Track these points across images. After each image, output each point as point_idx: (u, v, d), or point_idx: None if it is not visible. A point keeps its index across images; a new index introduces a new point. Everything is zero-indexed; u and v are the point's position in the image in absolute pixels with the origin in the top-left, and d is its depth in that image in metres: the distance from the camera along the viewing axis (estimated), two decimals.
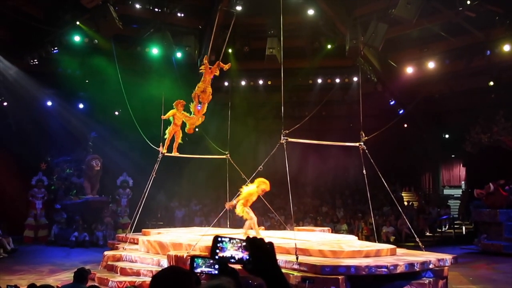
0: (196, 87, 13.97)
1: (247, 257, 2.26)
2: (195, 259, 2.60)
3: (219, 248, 2.32)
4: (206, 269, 2.56)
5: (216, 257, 2.33)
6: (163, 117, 14.23)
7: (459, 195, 25.71)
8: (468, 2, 16.71)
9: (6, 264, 15.70)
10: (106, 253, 13.46)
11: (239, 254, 2.29)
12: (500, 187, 18.54)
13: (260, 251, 2.24)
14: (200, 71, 14.27)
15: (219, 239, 2.33)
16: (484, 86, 21.09)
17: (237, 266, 2.38)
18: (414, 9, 15.80)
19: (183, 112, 14.35)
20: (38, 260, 16.61)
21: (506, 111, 20.60)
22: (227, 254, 2.30)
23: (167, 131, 14.39)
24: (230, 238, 2.32)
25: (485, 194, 18.53)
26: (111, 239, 17.63)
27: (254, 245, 2.24)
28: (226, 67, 14.31)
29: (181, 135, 14.55)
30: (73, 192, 22.75)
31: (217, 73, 14.23)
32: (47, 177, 22.64)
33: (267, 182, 12.31)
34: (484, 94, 21.57)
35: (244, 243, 2.28)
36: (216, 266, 2.54)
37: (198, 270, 2.59)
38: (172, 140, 14.61)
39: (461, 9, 17.08)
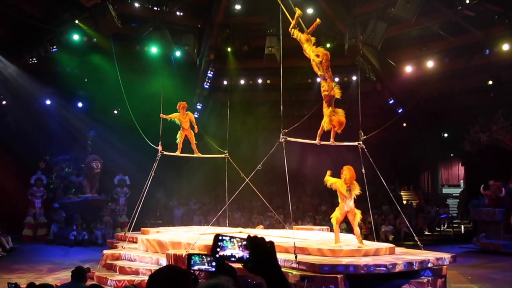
0: (312, 61, 11.81)
1: (248, 256, 2.26)
2: (192, 257, 2.60)
3: (220, 246, 2.32)
4: (204, 267, 2.57)
5: (217, 255, 2.33)
6: (162, 115, 14.23)
7: (458, 194, 25.73)
8: (467, 1, 16.72)
9: (5, 263, 15.68)
10: (105, 252, 13.45)
11: (239, 253, 2.29)
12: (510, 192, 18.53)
13: (260, 250, 2.24)
14: (295, 36, 12.12)
15: (220, 237, 2.33)
16: (483, 85, 21.12)
17: (238, 265, 2.38)
18: (413, 8, 15.78)
19: (187, 112, 14.40)
20: (37, 259, 16.60)
21: (505, 110, 20.61)
22: (227, 252, 2.30)
23: (178, 135, 14.44)
24: (231, 237, 2.32)
25: (494, 196, 18.44)
26: (110, 238, 17.63)
27: (254, 244, 2.24)
28: (317, 22, 11.97)
29: (193, 135, 14.64)
30: (72, 191, 22.74)
31: (312, 38, 12.00)
32: (46, 176, 22.62)
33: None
34: (483, 93, 21.59)
35: (244, 242, 2.28)
36: (214, 264, 2.55)
37: (196, 267, 2.59)
38: (185, 142, 14.67)
39: (460, 8, 17.09)
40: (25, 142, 21.32)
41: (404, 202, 24.22)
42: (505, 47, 17.95)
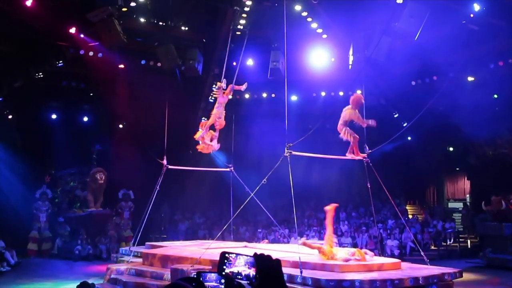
0: (211, 115, 13.61)
1: (254, 274, 2.25)
2: (201, 274, 2.59)
3: (226, 264, 2.31)
4: (212, 284, 2.55)
5: (223, 273, 2.32)
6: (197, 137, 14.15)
7: (461, 208, 25.59)
8: (472, 15, 16.75)
9: (9, 278, 15.65)
10: (109, 266, 13.41)
11: (246, 271, 2.28)
12: (509, 203, 18.43)
13: (266, 267, 2.22)
14: (214, 95, 13.97)
15: (227, 255, 2.32)
16: (489, 99, 21.05)
17: (244, 282, 2.37)
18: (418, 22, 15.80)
19: (210, 131, 14.38)
20: (41, 273, 16.55)
21: (510, 124, 20.53)
22: (234, 270, 2.29)
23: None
24: (237, 254, 2.31)
25: (495, 211, 18.35)
26: (115, 252, 17.58)
27: (260, 261, 2.23)
28: (243, 87, 13.94)
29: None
30: (77, 205, 22.73)
31: (231, 96, 13.91)
32: (51, 190, 22.62)
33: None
34: (489, 107, 21.51)
35: (251, 260, 2.26)
36: (222, 281, 2.53)
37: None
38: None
39: (464, 22, 17.12)
40: (30, 156, 21.36)
41: (410, 216, 24.10)
42: (510, 61, 17.97)
